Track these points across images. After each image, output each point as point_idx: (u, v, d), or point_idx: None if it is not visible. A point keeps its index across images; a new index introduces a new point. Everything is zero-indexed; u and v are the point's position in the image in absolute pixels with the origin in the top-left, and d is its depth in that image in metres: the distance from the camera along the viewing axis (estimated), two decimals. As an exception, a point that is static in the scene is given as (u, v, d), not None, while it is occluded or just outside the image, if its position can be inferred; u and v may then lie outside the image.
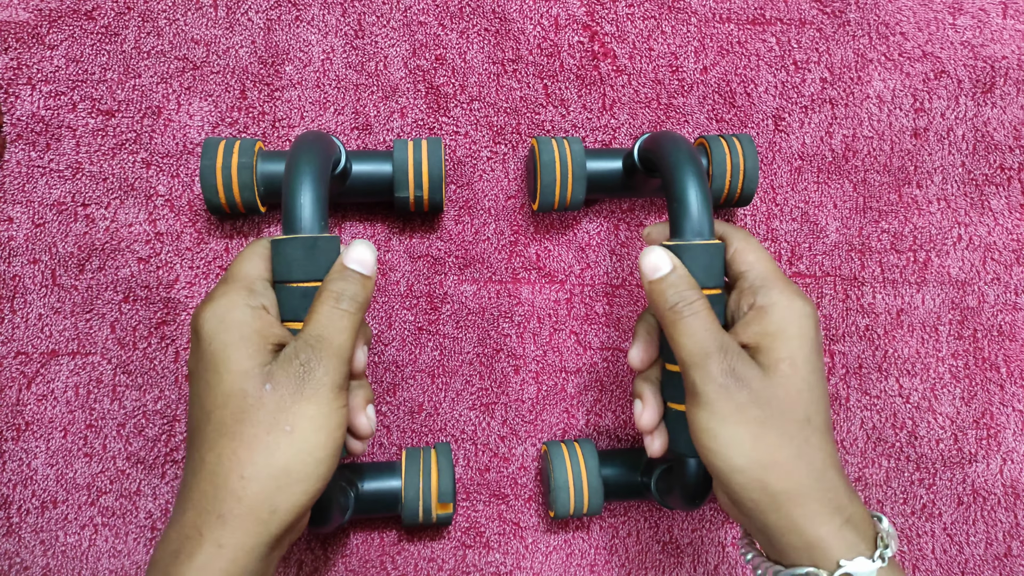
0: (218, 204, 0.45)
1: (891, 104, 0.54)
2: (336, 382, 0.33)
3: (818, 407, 0.35)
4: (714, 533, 0.52)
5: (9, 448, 0.47)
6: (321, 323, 0.34)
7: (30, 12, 0.49)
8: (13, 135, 0.48)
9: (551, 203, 0.48)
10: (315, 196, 0.37)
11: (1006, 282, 0.54)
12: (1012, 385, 0.54)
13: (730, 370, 0.34)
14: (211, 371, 0.33)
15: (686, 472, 0.41)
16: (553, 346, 0.51)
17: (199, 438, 0.33)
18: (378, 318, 0.50)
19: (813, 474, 0.33)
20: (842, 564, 0.32)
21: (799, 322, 0.36)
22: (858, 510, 0.34)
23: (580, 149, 0.47)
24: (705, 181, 0.39)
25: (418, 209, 0.47)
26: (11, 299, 0.48)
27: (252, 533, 0.31)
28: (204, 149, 0.44)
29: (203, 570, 0.30)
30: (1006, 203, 0.54)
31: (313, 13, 0.50)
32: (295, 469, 0.32)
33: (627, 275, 0.52)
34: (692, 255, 0.37)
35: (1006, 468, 0.53)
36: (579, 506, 0.46)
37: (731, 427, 0.33)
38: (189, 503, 0.32)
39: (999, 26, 0.54)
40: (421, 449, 0.47)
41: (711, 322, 0.35)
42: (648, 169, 0.45)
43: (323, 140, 0.40)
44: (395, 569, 0.49)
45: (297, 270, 0.36)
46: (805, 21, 0.53)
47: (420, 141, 0.46)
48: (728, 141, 0.48)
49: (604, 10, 0.52)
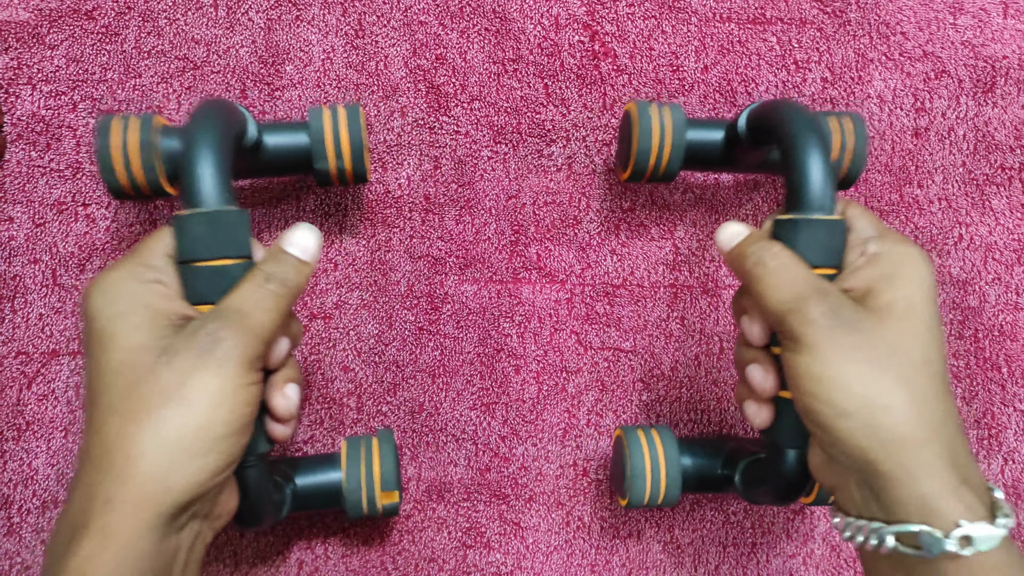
0: (118, 187, 0.41)
1: (892, 104, 0.54)
2: (247, 356, 0.31)
3: (938, 354, 0.32)
4: (714, 533, 0.52)
5: (10, 448, 0.47)
6: (242, 297, 0.32)
7: (30, 12, 0.49)
8: (13, 135, 0.48)
9: (644, 172, 0.45)
10: (217, 166, 0.34)
11: (1007, 282, 0.54)
12: (1013, 385, 0.53)
13: (832, 312, 0.31)
14: (99, 348, 0.30)
15: (783, 463, 0.37)
16: (553, 346, 0.51)
17: (88, 421, 0.30)
18: (378, 318, 0.50)
19: (931, 422, 0.30)
20: (962, 524, 0.29)
21: (915, 265, 0.33)
22: (977, 475, 0.31)
23: (681, 117, 0.44)
24: (829, 151, 0.36)
25: (342, 181, 0.45)
26: (11, 299, 0.48)
27: (142, 515, 0.28)
28: (99, 128, 0.40)
29: (91, 560, 0.28)
30: (1007, 203, 0.54)
31: (313, 13, 0.50)
32: (190, 445, 0.29)
33: (627, 275, 0.52)
34: (812, 230, 0.34)
35: (1007, 468, 0.53)
36: (655, 496, 0.44)
37: (837, 368, 0.30)
38: (77, 492, 0.29)
39: (1000, 26, 0.54)
40: (362, 438, 0.45)
41: (801, 268, 0.33)
42: (755, 140, 0.42)
43: (224, 107, 0.37)
44: (395, 569, 0.49)
45: (202, 248, 0.33)
46: (806, 21, 0.53)
47: (337, 107, 0.44)
48: (839, 118, 0.45)
49: (604, 9, 0.52)
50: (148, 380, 0.29)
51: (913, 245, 0.34)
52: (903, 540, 0.30)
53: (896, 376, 0.31)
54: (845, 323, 0.31)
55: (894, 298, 0.32)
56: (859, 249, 0.35)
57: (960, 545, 0.29)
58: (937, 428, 0.30)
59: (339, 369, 0.50)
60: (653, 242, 0.52)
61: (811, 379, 0.31)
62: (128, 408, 0.29)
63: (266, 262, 0.34)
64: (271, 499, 0.38)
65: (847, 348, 0.31)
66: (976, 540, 0.28)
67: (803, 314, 0.32)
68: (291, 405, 0.35)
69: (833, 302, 0.32)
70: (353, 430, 0.50)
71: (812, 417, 0.32)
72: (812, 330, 0.31)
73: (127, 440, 0.29)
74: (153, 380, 0.29)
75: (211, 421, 0.30)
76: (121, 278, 0.32)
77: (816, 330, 0.31)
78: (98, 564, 0.28)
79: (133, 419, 0.29)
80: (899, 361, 0.31)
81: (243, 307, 0.32)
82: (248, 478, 0.35)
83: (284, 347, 0.35)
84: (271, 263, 0.33)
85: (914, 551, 0.29)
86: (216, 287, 0.33)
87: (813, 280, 0.33)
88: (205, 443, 0.29)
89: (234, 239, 0.33)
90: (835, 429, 0.31)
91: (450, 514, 0.50)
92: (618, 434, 0.47)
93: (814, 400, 0.31)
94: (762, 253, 0.34)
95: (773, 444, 0.38)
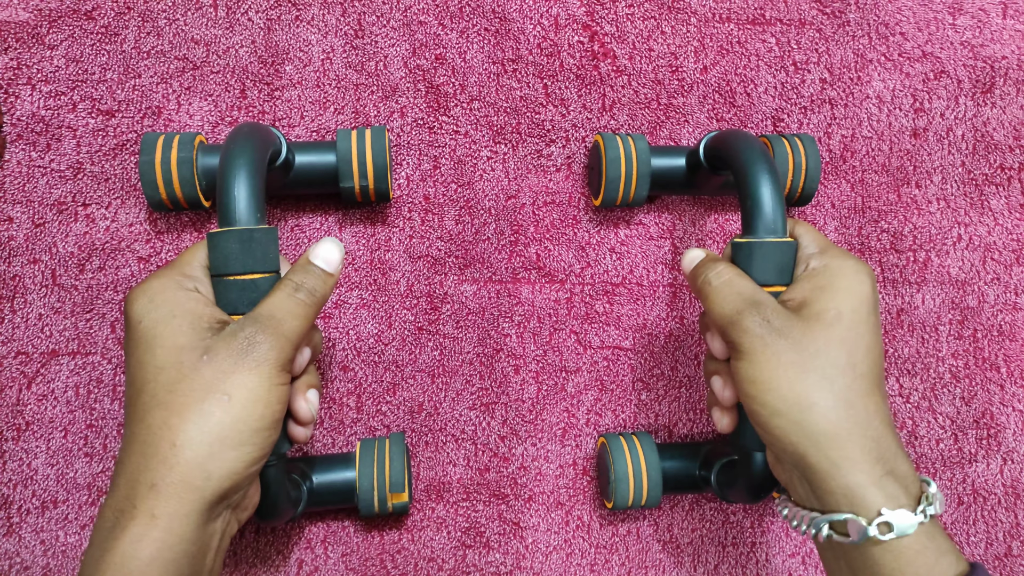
0: (159, 200, 0.44)
1: (891, 104, 0.54)
2: (280, 360, 0.33)
3: (866, 357, 0.34)
4: (714, 533, 0.52)
5: (9, 448, 0.47)
6: (275, 304, 0.34)
7: (30, 12, 0.49)
8: (13, 135, 0.48)
9: (614, 199, 0.48)
10: (250, 188, 0.36)
11: (1006, 282, 0.54)
12: (1012, 385, 0.54)
13: (764, 321, 0.34)
14: (143, 348, 0.33)
15: (752, 466, 0.41)
16: (553, 346, 0.51)
17: (131, 413, 0.33)
18: (378, 318, 0.50)
19: (855, 419, 0.33)
20: (882, 512, 0.31)
21: (850, 278, 0.36)
22: (904, 467, 0.33)
23: (645, 146, 0.48)
24: (778, 179, 0.39)
25: (365, 200, 0.47)
26: (11, 299, 0.48)
27: (186, 500, 0.30)
28: (143, 145, 0.44)
29: (138, 541, 0.30)
30: (1006, 203, 0.54)
31: (313, 13, 0.50)
32: (230, 436, 0.31)
33: (627, 274, 0.52)
34: (765, 252, 0.38)
35: (1006, 468, 0.53)
36: (638, 497, 0.47)
37: (769, 371, 0.34)
38: (122, 478, 0.31)
39: (999, 26, 0.54)
40: (375, 440, 0.48)
41: (742, 284, 0.36)
42: (713, 167, 0.46)
43: (259, 131, 0.40)
44: (395, 569, 0.49)
45: (234, 263, 0.35)
46: (805, 21, 0.53)
47: (364, 130, 0.46)
48: (790, 140, 0.49)
49: (604, 10, 0.52)
50: (192, 377, 0.32)
51: (853, 259, 0.37)
52: (836, 528, 0.33)
53: (820, 376, 0.33)
54: (776, 331, 0.34)
55: (825, 307, 0.35)
56: (803, 264, 0.38)
57: (881, 531, 0.31)
58: (861, 424, 0.33)
59: (339, 369, 0.50)
60: (652, 241, 0.52)
61: (748, 382, 0.34)
62: (173, 401, 0.31)
63: (295, 273, 0.36)
64: (288, 495, 0.41)
65: (777, 353, 0.34)
66: (896, 526, 0.31)
67: (740, 325, 0.35)
68: (312, 409, 0.38)
69: (766, 312, 0.35)
70: (353, 430, 0.50)
71: (753, 418, 0.35)
72: (747, 338, 0.35)
73: (172, 430, 0.31)
74: (196, 377, 0.32)
75: (249, 415, 0.32)
76: (164, 286, 0.34)
77: (751, 338, 0.34)
78: (144, 544, 0.30)
79: (178, 411, 0.31)
80: (822, 363, 0.34)
81: (276, 314, 0.34)
82: (269, 475, 0.38)
83: (307, 355, 0.38)
84: (300, 274, 0.36)
85: (845, 538, 0.32)
86: (246, 298, 0.35)
87: (751, 293, 0.36)
88: (243, 435, 0.32)
89: (264, 255, 0.36)
90: (770, 427, 0.34)
91: (449, 514, 0.50)
92: (601, 442, 0.49)
93: (752, 401, 0.34)
94: (709, 273, 0.38)
95: (740, 447, 0.41)
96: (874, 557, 0.32)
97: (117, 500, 0.31)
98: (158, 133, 0.45)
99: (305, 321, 0.35)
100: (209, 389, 0.31)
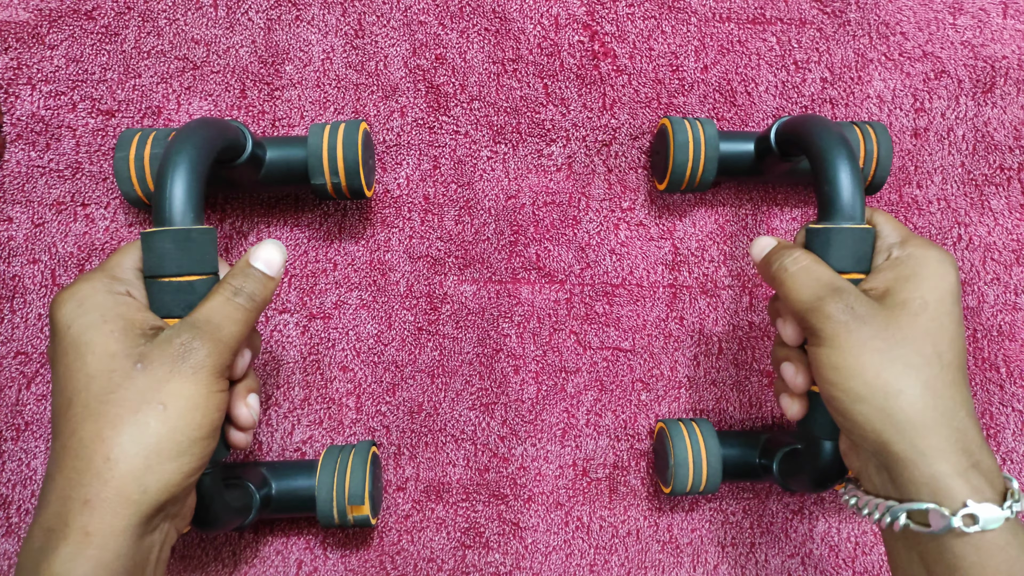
0: (135, 196, 0.44)
1: (891, 104, 0.54)
2: (218, 367, 0.32)
3: (951, 347, 0.34)
4: (714, 533, 0.52)
5: (9, 448, 0.47)
6: (213, 308, 0.33)
7: (30, 12, 0.49)
8: (13, 135, 0.48)
9: (680, 184, 0.48)
10: (188, 186, 0.34)
11: (1006, 282, 0.54)
12: (1012, 385, 0.53)
13: (848, 308, 0.34)
14: (72, 355, 0.31)
15: (819, 454, 0.40)
16: (553, 346, 0.51)
17: (61, 425, 0.31)
18: (378, 318, 0.50)
19: (941, 408, 0.32)
20: (968, 504, 0.30)
21: (934, 267, 0.35)
22: (989, 460, 0.32)
23: (714, 131, 0.48)
24: (857, 164, 0.38)
25: (339, 196, 0.46)
26: (11, 299, 0.48)
27: (122, 515, 0.29)
28: (119, 141, 0.43)
29: (71, 560, 0.28)
30: (1006, 203, 0.54)
31: (313, 13, 0.50)
32: (166, 447, 0.30)
33: (627, 275, 0.52)
34: (843, 239, 0.37)
35: (1006, 468, 0.53)
36: (696, 483, 0.46)
37: (852, 358, 0.33)
38: (52, 495, 0.30)
39: (999, 26, 0.54)
40: (341, 447, 0.46)
41: (820, 270, 0.36)
42: (784, 152, 0.45)
43: (208, 127, 0.38)
44: (395, 569, 0.49)
45: (169, 264, 0.34)
46: (805, 21, 0.53)
47: (338, 124, 0.45)
48: (862, 128, 0.48)
49: (604, 10, 0.52)
50: (125, 386, 0.30)
51: (936, 248, 0.37)
52: (914, 517, 0.32)
53: (906, 364, 0.33)
54: (859, 317, 0.34)
55: (909, 296, 0.34)
56: (885, 254, 0.38)
57: (966, 523, 0.30)
58: (947, 414, 0.32)
59: (338, 369, 0.50)
60: (652, 242, 0.52)
61: (830, 368, 0.34)
62: (106, 412, 0.30)
63: (234, 276, 0.35)
64: (226, 504, 0.39)
65: (861, 340, 0.33)
66: (981, 519, 0.30)
67: (821, 311, 0.34)
68: (253, 414, 0.37)
69: (849, 299, 0.34)
70: (352, 430, 0.50)
71: (833, 404, 0.34)
72: (830, 324, 0.34)
73: (106, 443, 0.30)
74: (130, 386, 0.30)
75: (187, 425, 0.31)
76: (94, 289, 0.33)
77: (833, 324, 0.34)
78: (79, 564, 0.28)
79: (111, 423, 0.30)
80: (909, 351, 0.33)
81: (213, 319, 0.33)
82: (203, 483, 0.36)
83: (246, 359, 0.37)
84: (239, 277, 0.35)
85: (924, 528, 0.31)
86: (182, 301, 0.34)
87: (831, 280, 0.35)
88: (181, 445, 0.31)
89: (201, 256, 0.35)
90: (852, 414, 0.33)
91: (449, 514, 0.50)
92: (660, 427, 0.49)
93: (833, 388, 0.34)
94: (784, 259, 0.37)
95: (808, 435, 0.40)
96: (953, 550, 0.31)
97: (47, 518, 0.29)
98: (136, 129, 0.44)
99: (244, 326, 0.34)
100: (144, 399, 0.30)
